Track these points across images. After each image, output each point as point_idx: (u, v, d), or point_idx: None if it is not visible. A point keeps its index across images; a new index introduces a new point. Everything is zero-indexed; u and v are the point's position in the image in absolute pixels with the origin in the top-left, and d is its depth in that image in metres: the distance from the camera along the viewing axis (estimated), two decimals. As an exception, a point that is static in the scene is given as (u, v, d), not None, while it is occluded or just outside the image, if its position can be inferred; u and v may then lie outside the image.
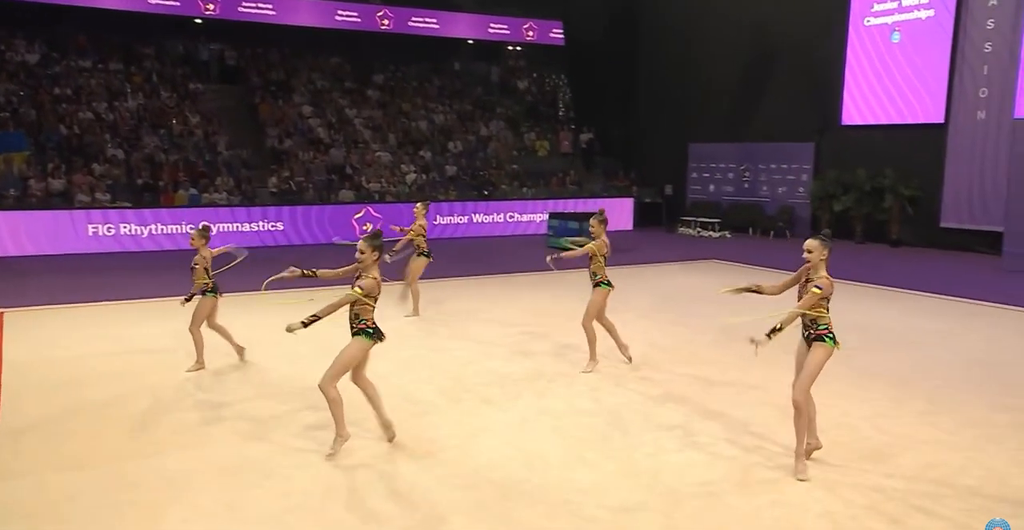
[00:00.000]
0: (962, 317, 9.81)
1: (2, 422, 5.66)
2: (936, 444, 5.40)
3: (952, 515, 4.35)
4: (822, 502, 4.50)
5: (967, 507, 4.44)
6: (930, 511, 4.39)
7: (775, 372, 7.06)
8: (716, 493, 4.65)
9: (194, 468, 4.96)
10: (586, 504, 4.49)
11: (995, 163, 15.16)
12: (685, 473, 4.92)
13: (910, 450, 5.27)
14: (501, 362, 7.62)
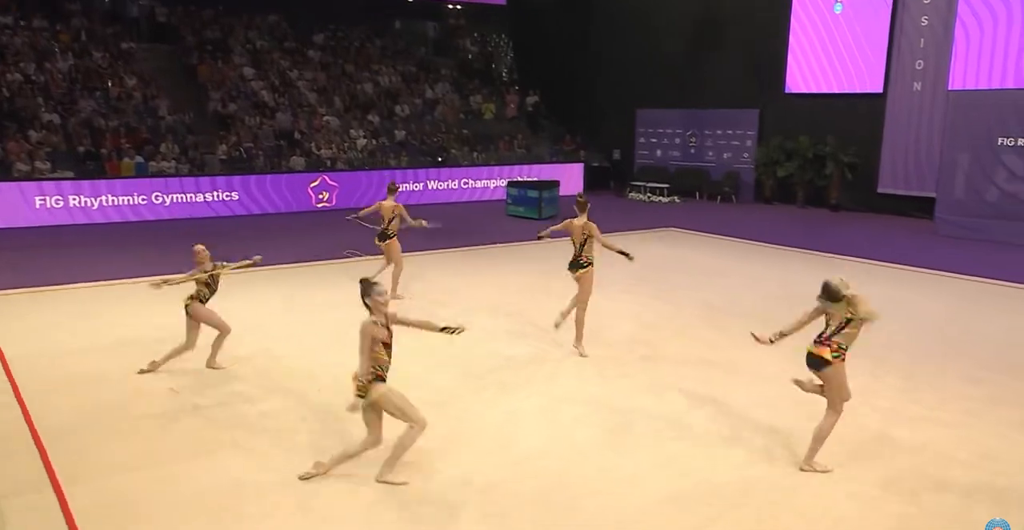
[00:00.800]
0: (916, 285, 10.59)
1: (40, 423, 5.66)
2: (925, 421, 5.98)
3: (959, 491, 4.91)
4: (844, 483, 4.97)
5: (970, 483, 5.01)
6: (940, 487, 4.95)
7: (764, 349, 7.60)
8: (749, 479, 5.09)
9: (248, 466, 5.12)
10: (633, 494, 4.87)
11: (929, 132, 16.08)
12: (713, 461, 5.34)
13: (903, 428, 5.84)
14: (503, 344, 7.89)
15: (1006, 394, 6.51)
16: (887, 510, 4.68)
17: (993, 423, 5.86)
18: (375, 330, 4.75)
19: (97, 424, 5.80)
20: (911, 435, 5.69)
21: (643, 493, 4.88)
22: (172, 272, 7.47)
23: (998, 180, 14.79)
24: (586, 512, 4.64)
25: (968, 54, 15.23)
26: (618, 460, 5.33)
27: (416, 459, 5.13)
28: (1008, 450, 5.44)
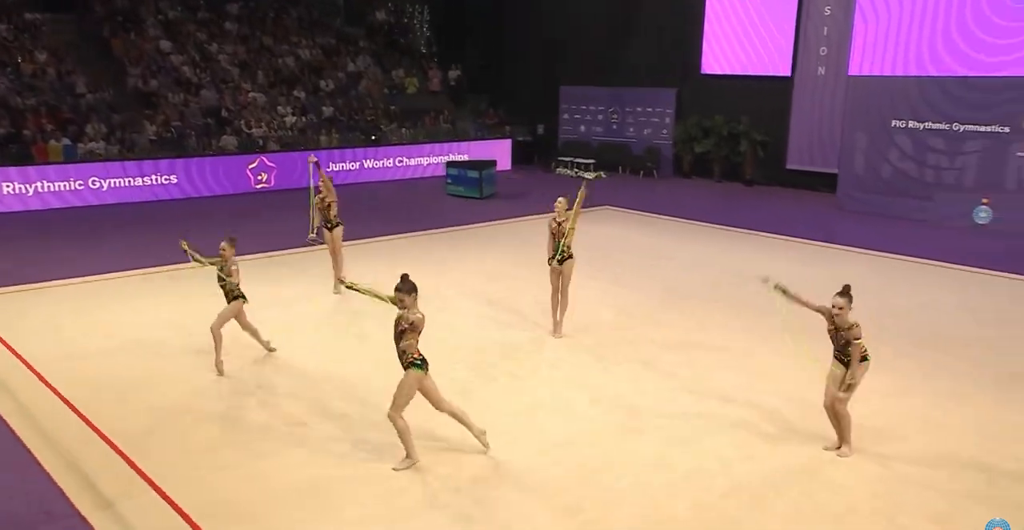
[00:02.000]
0: (832, 261, 12.00)
1: (106, 427, 6.07)
2: (888, 399, 7.09)
3: (911, 457, 6.14)
4: (856, 471, 5.84)
5: (920, 448, 6.25)
6: (900, 455, 6.16)
7: (731, 332, 8.71)
8: (763, 455, 6.17)
9: (317, 460, 5.78)
10: (660, 474, 5.83)
11: (832, 114, 17.68)
12: (727, 438, 6.31)
13: (877, 414, 6.83)
14: (498, 333, 8.67)
15: (935, 368, 7.80)
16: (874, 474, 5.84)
17: (931, 394, 7.12)
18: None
19: (164, 426, 6.28)
20: (884, 420, 6.72)
21: (669, 471, 5.79)
22: (151, 266, 7.84)
23: (892, 158, 16.56)
24: (620, 492, 5.52)
25: (866, 43, 16.79)
26: (637, 443, 6.23)
27: (456, 448, 5.92)
28: (947, 418, 6.69)
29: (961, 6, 15.34)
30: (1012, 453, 5.99)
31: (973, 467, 5.76)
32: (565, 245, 8.46)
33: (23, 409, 6.54)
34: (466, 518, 5.09)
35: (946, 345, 8.36)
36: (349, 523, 5.04)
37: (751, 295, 9.37)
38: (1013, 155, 14.86)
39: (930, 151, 15.94)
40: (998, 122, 14.97)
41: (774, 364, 7.72)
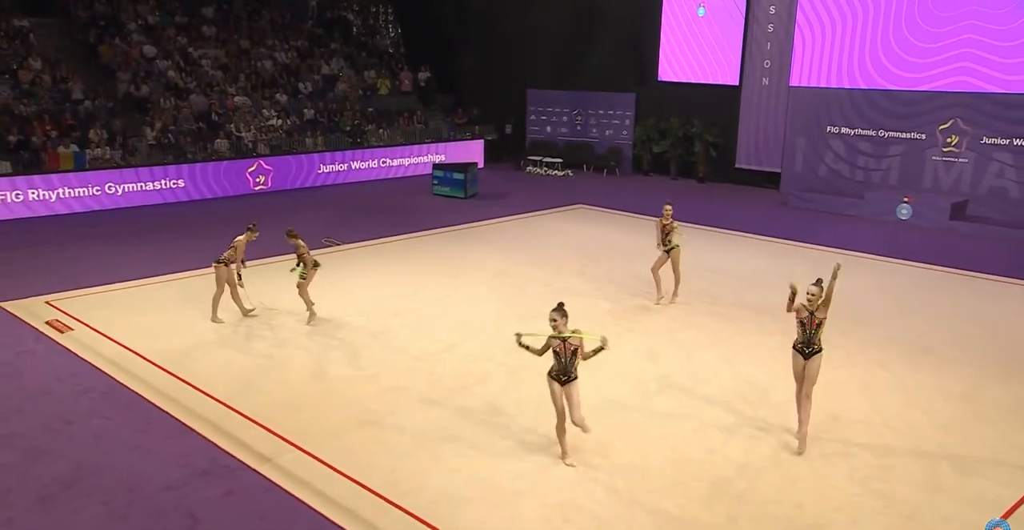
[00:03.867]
0: (775, 254, 14.12)
1: (236, 404, 7.67)
2: (833, 371, 9.17)
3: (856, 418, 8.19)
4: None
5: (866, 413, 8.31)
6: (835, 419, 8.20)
7: (731, 325, 10.68)
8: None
9: (415, 423, 7.51)
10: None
11: (775, 119, 19.89)
12: (752, 403, 8.30)
13: (828, 380, 8.93)
14: (518, 324, 10.42)
15: (865, 343, 9.93)
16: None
17: (864, 364, 9.22)
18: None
19: (285, 402, 7.90)
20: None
21: (678, 423, 7.74)
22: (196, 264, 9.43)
23: (827, 160, 18.90)
24: (649, 439, 7.44)
25: (804, 58, 19.00)
26: (654, 402, 8.14)
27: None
28: (877, 381, 8.80)
29: (886, 29, 17.64)
30: (927, 407, 8.08)
31: (901, 418, 7.82)
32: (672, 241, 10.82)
33: (161, 393, 8.08)
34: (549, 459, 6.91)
35: (872, 324, 10.47)
36: (453, 470, 6.79)
37: (711, 289, 11.38)
38: (929, 158, 17.31)
39: (860, 154, 18.34)
40: (916, 130, 17.40)
41: (751, 346, 9.74)
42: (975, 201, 16.55)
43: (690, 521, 6.01)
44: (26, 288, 11.32)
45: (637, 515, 6.07)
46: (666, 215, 10.86)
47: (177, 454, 6.93)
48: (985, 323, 10.60)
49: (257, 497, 6.31)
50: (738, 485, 6.50)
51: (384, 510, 6.11)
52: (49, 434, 7.23)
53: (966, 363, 9.16)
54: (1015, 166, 16.13)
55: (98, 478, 6.52)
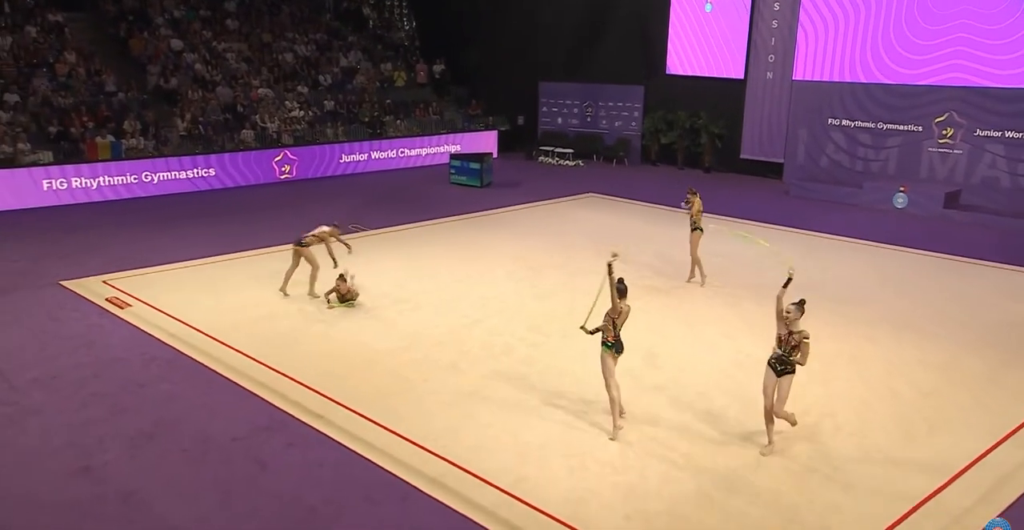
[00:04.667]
0: (777, 240, 14.91)
1: (288, 371, 8.60)
2: (825, 342, 10.05)
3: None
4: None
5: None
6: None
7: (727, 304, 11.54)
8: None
9: (452, 386, 8.41)
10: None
11: (779, 112, 20.66)
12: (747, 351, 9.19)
13: (822, 350, 9.87)
14: (537, 302, 11.30)
15: (854, 320, 10.79)
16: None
17: (854, 339, 10.10)
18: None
19: (330, 370, 8.82)
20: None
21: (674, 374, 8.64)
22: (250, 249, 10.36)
23: (828, 151, 19.69)
24: (655, 393, 8.33)
25: (807, 53, 19.75)
26: (655, 369, 9.03)
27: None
28: (863, 353, 9.66)
29: (886, 26, 18.38)
30: (908, 376, 8.94)
31: (884, 385, 8.69)
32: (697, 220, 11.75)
33: (219, 361, 9.01)
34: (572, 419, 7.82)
35: (865, 305, 11.32)
36: (485, 426, 7.69)
37: (716, 272, 12.26)
38: (926, 150, 18.09)
39: (859, 145, 19.12)
40: (914, 122, 18.18)
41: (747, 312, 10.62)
42: (968, 191, 17.34)
43: (693, 467, 6.91)
44: (79, 269, 12.28)
45: (648, 463, 6.98)
46: (689, 199, 12.01)
47: (240, 413, 7.87)
48: (968, 303, 11.44)
49: (314, 448, 7.23)
50: (733, 439, 7.39)
51: (425, 458, 7.03)
52: (127, 395, 8.17)
53: (946, 338, 10.03)
54: (1007, 157, 16.91)
55: (175, 431, 7.46)
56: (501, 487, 6.57)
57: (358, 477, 6.76)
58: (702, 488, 6.61)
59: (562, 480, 6.71)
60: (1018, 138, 16.78)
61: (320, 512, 6.26)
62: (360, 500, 6.43)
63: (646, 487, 6.62)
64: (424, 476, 6.75)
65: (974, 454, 7.15)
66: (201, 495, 6.47)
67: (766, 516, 6.23)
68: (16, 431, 7.40)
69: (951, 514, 6.25)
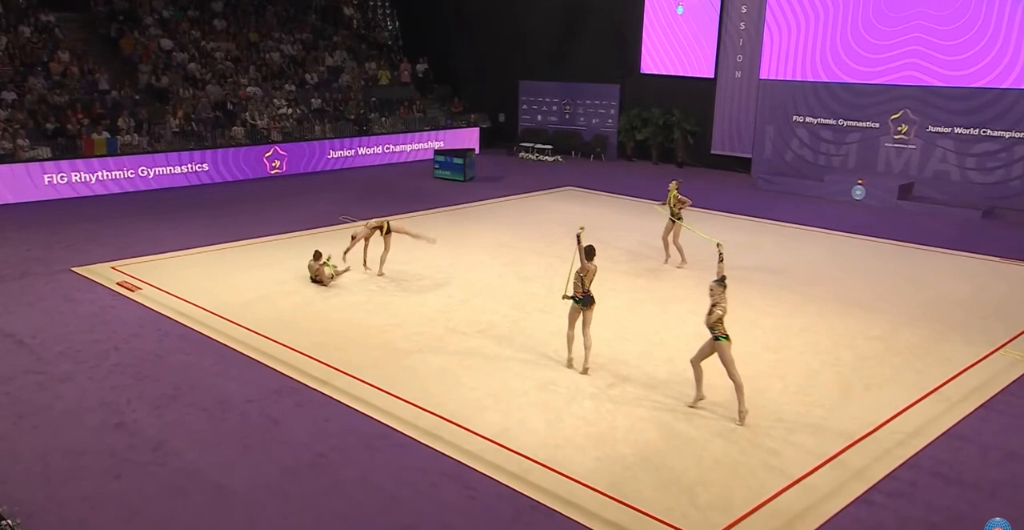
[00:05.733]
0: (747, 230, 15.98)
1: (292, 343, 9.45)
2: (782, 318, 11.10)
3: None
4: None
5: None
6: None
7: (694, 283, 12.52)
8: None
9: (445, 356, 9.30)
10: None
11: (747, 109, 21.73)
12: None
13: (778, 325, 10.91)
14: (519, 284, 12.21)
15: (809, 298, 11.81)
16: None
17: (806, 314, 11.11)
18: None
19: (330, 343, 9.68)
20: (774, 321, 10.75)
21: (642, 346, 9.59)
22: (246, 238, 11.17)
23: (793, 147, 20.78)
24: (632, 360, 9.28)
25: (773, 54, 20.82)
26: (629, 337, 9.98)
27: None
28: (815, 326, 10.67)
29: (845, 28, 19.49)
30: (851, 345, 9.94)
31: (829, 353, 9.69)
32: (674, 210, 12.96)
33: (228, 336, 9.85)
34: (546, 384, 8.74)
35: (819, 285, 12.34)
36: (473, 389, 8.59)
37: (686, 257, 13.25)
38: (882, 145, 19.22)
39: (822, 141, 20.23)
40: (871, 119, 19.30)
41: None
42: (921, 183, 18.48)
43: (657, 419, 7.87)
44: (88, 257, 13.06)
45: (617, 417, 7.92)
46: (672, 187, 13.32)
47: (251, 379, 8.72)
48: (913, 284, 12.50)
49: (321, 407, 8.11)
50: (691, 392, 8.35)
51: (421, 415, 7.93)
52: (147, 364, 9.00)
53: (889, 313, 11.06)
54: (956, 152, 18.07)
55: (194, 394, 8.31)
56: (487, 436, 7.48)
57: (360, 430, 7.65)
58: (665, 435, 7.56)
59: (540, 431, 7.63)
60: (966, 134, 17.95)
61: (329, 457, 7.14)
62: (363, 448, 7.32)
63: (615, 435, 7.56)
64: (419, 428, 7.65)
65: (900, 407, 8.16)
66: (223, 445, 7.33)
67: (718, 456, 7.19)
68: (52, 395, 8.22)
69: (879, 451, 7.26)
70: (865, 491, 6.61)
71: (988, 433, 7.65)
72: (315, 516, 6.26)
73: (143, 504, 6.37)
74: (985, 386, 8.67)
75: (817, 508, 6.38)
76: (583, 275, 8.69)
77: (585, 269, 8.68)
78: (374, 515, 6.31)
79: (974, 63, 17.64)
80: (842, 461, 7.11)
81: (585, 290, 8.69)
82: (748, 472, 6.93)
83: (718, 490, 6.65)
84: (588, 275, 8.69)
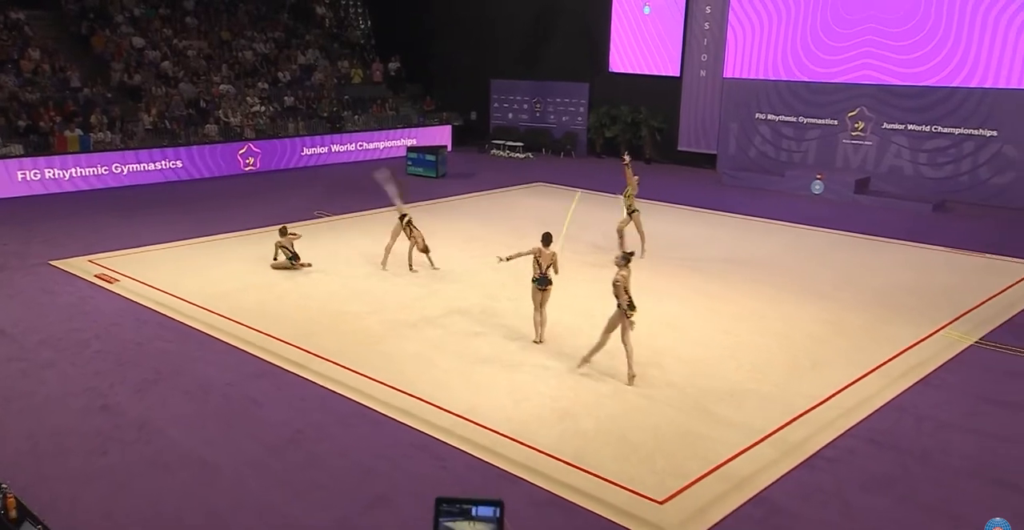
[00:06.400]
0: (709, 223, 16.56)
1: (269, 330, 9.80)
2: (749, 301, 11.63)
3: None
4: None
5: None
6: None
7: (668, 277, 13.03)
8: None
9: (418, 341, 9.70)
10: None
11: (712, 107, 22.34)
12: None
13: (745, 309, 11.44)
14: (492, 274, 12.65)
15: (769, 285, 12.37)
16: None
17: (763, 299, 11.67)
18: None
19: (306, 330, 10.04)
20: (754, 303, 11.28)
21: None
22: (216, 233, 11.51)
23: (756, 143, 21.42)
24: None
25: (736, 53, 21.45)
26: (595, 318, 10.45)
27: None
28: (776, 311, 11.23)
29: (805, 28, 20.16)
30: (802, 327, 10.50)
31: (782, 335, 10.22)
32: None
33: (206, 324, 10.17)
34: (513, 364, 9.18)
35: (777, 274, 12.91)
36: (445, 371, 9.01)
37: (652, 249, 13.77)
38: (840, 142, 19.92)
39: (783, 138, 20.89)
40: (830, 117, 19.99)
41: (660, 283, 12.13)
42: (876, 178, 19.21)
43: (619, 396, 8.34)
44: (65, 251, 13.26)
45: (580, 394, 8.38)
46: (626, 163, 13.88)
47: (230, 364, 9.06)
48: (866, 272, 13.12)
49: (298, 388, 8.48)
50: (653, 375, 8.84)
51: (393, 394, 8.33)
52: (127, 351, 9.30)
53: (840, 299, 11.65)
54: (909, 148, 18.82)
55: (175, 378, 8.64)
56: (458, 413, 7.91)
57: (336, 408, 8.04)
58: (625, 410, 8.04)
59: (508, 408, 8.07)
60: (918, 131, 18.69)
61: (307, 434, 7.52)
62: (339, 425, 7.71)
63: (578, 411, 8.02)
64: (392, 406, 8.05)
65: (845, 382, 8.71)
66: (206, 424, 7.67)
67: (675, 429, 7.67)
68: (36, 381, 8.50)
69: (822, 422, 7.79)
70: (807, 457, 7.14)
71: (924, 405, 8.22)
72: (295, 487, 6.64)
73: (130, 479, 6.70)
74: (925, 363, 9.26)
75: (763, 472, 6.89)
76: (538, 257, 9.46)
77: (541, 253, 9.46)
78: (351, 485, 6.70)
79: (925, 62, 18.38)
80: (788, 432, 7.63)
81: (543, 272, 9.48)
82: (702, 442, 7.42)
83: (674, 458, 7.13)
84: (544, 258, 9.45)
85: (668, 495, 6.54)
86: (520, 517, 6.27)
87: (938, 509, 6.41)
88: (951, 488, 6.71)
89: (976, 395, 8.46)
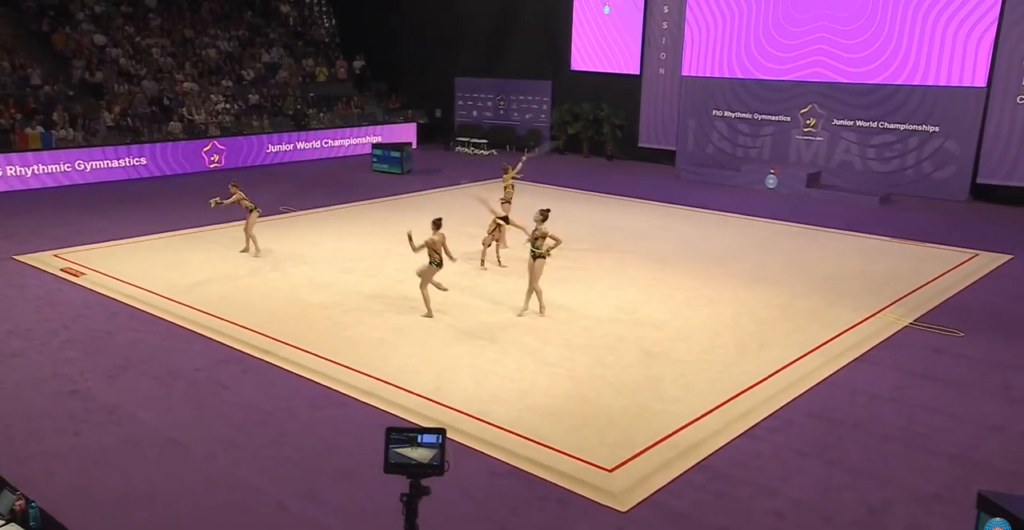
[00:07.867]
0: (668, 216, 17.08)
1: (236, 319, 10.05)
2: (697, 289, 12.12)
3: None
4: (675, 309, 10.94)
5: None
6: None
7: (629, 263, 13.46)
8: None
9: (380, 326, 10.02)
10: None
11: (671, 104, 22.90)
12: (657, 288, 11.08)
13: (700, 296, 11.93)
14: (464, 262, 13.01)
15: (723, 274, 12.89)
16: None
17: (716, 287, 12.17)
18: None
19: (273, 319, 10.30)
20: (704, 291, 11.78)
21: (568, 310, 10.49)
22: (180, 228, 11.74)
23: (713, 139, 22.03)
24: (568, 318, 10.16)
25: (694, 52, 22.03)
26: (556, 292, 10.88)
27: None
28: (715, 297, 11.74)
29: (759, 27, 20.80)
30: (751, 313, 11.00)
31: (731, 319, 10.72)
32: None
33: (173, 314, 10.39)
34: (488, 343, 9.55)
35: (730, 263, 13.45)
36: (408, 355, 9.34)
37: (613, 241, 14.23)
38: (793, 138, 20.59)
39: (739, 134, 21.52)
40: (783, 113, 20.65)
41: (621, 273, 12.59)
42: (827, 172, 19.91)
43: (575, 377, 8.75)
44: (29, 246, 13.34)
45: (538, 376, 8.78)
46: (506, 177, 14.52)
47: (198, 351, 9.31)
48: (814, 261, 13.71)
49: (265, 373, 8.77)
50: (608, 358, 9.27)
51: (359, 378, 8.65)
52: (97, 340, 9.50)
53: (789, 285, 12.20)
54: (858, 143, 19.54)
55: (145, 365, 8.87)
56: (421, 394, 8.26)
57: (303, 391, 8.34)
58: (580, 389, 8.45)
59: (470, 389, 8.44)
60: (866, 127, 19.43)
61: (275, 415, 7.82)
62: (306, 406, 8.02)
63: (536, 391, 8.42)
64: (358, 389, 8.38)
65: (787, 361, 9.22)
66: (175, 407, 7.93)
67: (626, 405, 8.11)
68: (5, 369, 8.68)
69: (764, 397, 8.28)
70: (748, 428, 7.61)
71: (859, 381, 8.76)
72: (264, 463, 6.95)
73: (103, 456, 6.95)
74: (862, 343, 9.82)
75: (707, 441, 7.35)
76: (434, 242, 10.42)
77: (434, 239, 10.42)
78: (317, 459, 7.02)
79: (872, 61, 19.11)
80: (732, 405, 8.11)
81: (441, 256, 10.46)
82: (652, 416, 7.87)
83: (624, 431, 7.56)
84: (437, 243, 10.41)
85: (617, 463, 6.96)
86: (481, 487, 6.65)
87: (865, 471, 6.92)
88: (878, 452, 7.23)
89: (906, 371, 9.03)
